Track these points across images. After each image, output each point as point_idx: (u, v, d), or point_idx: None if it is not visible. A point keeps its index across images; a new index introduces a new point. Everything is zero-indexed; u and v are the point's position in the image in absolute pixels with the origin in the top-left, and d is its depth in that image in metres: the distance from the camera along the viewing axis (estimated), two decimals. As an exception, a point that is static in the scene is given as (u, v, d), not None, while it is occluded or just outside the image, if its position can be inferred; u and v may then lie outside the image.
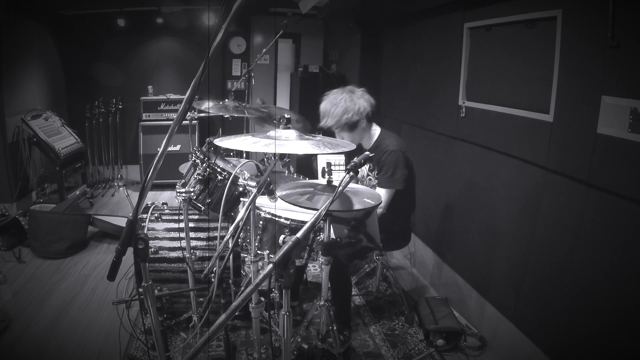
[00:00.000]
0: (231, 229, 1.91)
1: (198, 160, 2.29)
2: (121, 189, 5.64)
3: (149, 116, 5.62)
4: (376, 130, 2.71)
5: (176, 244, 2.60)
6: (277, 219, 2.19)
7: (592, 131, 1.91)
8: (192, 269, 2.31)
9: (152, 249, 2.57)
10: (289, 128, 1.99)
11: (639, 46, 1.73)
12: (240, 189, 2.03)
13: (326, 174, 1.99)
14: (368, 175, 2.75)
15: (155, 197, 5.18)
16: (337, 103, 2.51)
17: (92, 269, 3.52)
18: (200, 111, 3.07)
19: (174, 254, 2.61)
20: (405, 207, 2.83)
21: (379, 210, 2.53)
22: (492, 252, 2.74)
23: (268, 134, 1.99)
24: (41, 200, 4.50)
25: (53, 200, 4.59)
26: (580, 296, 2.02)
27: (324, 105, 2.57)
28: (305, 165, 4.46)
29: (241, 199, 2.06)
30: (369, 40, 4.84)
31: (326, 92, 2.63)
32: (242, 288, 2.48)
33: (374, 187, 2.67)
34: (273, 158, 1.99)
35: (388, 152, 2.56)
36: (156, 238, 2.63)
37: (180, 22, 5.84)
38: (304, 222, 1.53)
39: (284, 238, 1.88)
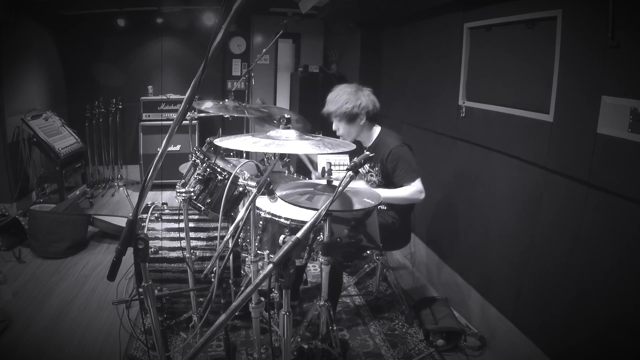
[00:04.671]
0: (231, 229, 1.91)
1: (198, 160, 2.29)
2: (121, 189, 5.64)
3: (149, 116, 5.61)
4: (376, 129, 2.77)
5: (176, 244, 2.60)
6: (277, 219, 2.19)
7: (592, 131, 1.91)
8: (192, 269, 2.31)
9: (152, 249, 2.57)
10: (289, 128, 1.99)
11: (639, 46, 1.73)
12: (240, 189, 2.03)
13: (326, 174, 1.99)
14: (369, 172, 2.76)
15: (155, 197, 5.17)
16: (342, 92, 2.64)
17: (92, 269, 3.52)
18: (200, 111, 3.07)
19: (174, 254, 2.61)
20: (406, 204, 2.83)
21: (422, 196, 2.57)
22: (492, 252, 2.74)
23: (268, 134, 1.99)
24: (41, 200, 4.50)
25: (53, 200, 4.59)
26: (580, 296, 2.02)
27: (331, 93, 2.71)
28: (305, 165, 4.45)
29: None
30: (369, 40, 4.84)
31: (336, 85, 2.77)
32: (242, 288, 2.48)
33: (381, 182, 2.72)
34: (273, 158, 1.99)
35: (394, 148, 2.62)
36: (156, 238, 2.63)
37: (180, 22, 5.84)
38: (304, 222, 1.53)
39: (284, 238, 1.88)
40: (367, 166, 2.77)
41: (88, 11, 5.50)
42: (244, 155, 3.25)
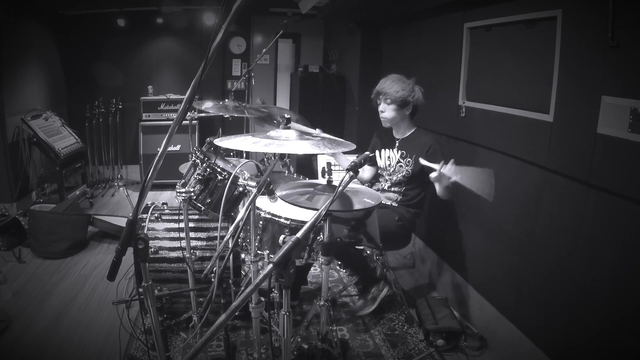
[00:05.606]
0: (231, 229, 1.91)
1: (198, 160, 2.29)
2: (121, 189, 5.64)
3: (149, 116, 5.62)
4: (413, 126, 2.87)
5: (176, 244, 2.60)
6: (277, 219, 2.19)
7: (592, 131, 1.91)
8: (192, 269, 2.31)
9: (152, 249, 2.57)
10: (289, 128, 1.99)
11: (639, 46, 1.73)
12: (240, 189, 2.03)
13: (326, 174, 2.00)
14: (399, 162, 2.81)
15: (155, 197, 5.18)
16: (400, 80, 2.75)
17: (92, 269, 3.52)
18: (200, 111, 3.07)
19: (174, 254, 2.61)
20: (421, 205, 2.88)
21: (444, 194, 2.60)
22: (492, 252, 2.74)
23: (268, 134, 1.99)
24: (41, 200, 4.50)
25: (53, 200, 4.59)
26: (580, 296, 2.02)
27: (386, 78, 2.79)
28: (305, 165, 4.46)
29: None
30: (369, 40, 4.84)
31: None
32: (242, 288, 2.48)
33: (407, 173, 2.77)
34: (273, 158, 1.99)
35: (435, 142, 2.73)
36: (156, 238, 2.63)
37: (180, 22, 5.84)
38: (304, 222, 1.53)
39: (284, 238, 1.88)
40: (397, 156, 2.84)
41: (88, 11, 5.50)
42: (244, 155, 3.25)
